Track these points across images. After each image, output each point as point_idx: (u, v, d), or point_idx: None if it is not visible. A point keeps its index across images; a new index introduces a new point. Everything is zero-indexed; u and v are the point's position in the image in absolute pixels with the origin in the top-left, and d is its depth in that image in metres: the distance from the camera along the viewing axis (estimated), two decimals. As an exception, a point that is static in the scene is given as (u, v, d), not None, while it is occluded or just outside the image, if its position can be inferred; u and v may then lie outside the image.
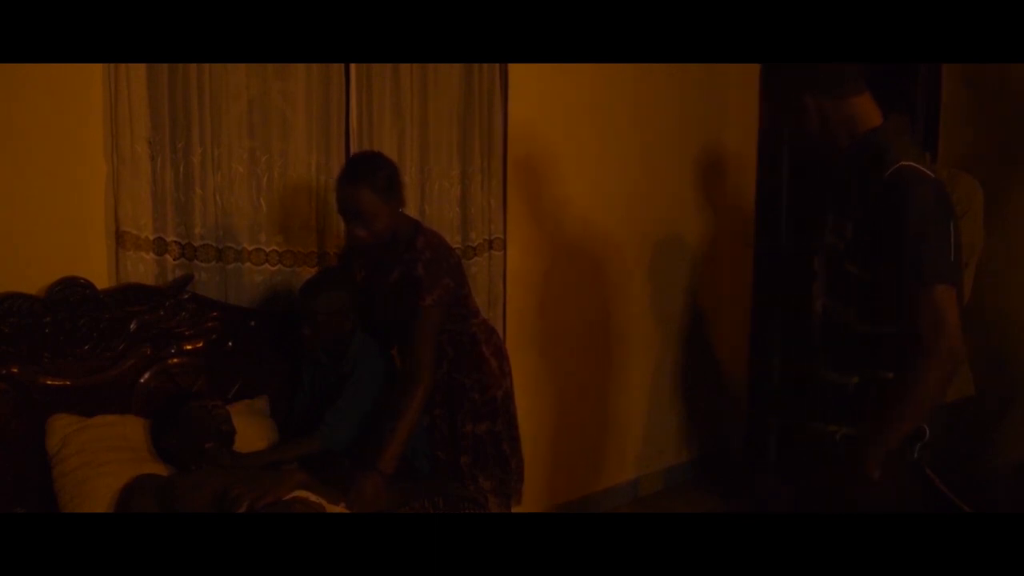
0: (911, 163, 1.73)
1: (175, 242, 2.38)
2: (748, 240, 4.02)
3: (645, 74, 3.56)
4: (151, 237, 2.33)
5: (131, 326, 2.26)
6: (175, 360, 2.34)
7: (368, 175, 2.20)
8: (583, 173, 3.43)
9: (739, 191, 4.01)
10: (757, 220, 3.99)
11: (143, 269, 2.32)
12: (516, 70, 3.04)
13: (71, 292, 2.17)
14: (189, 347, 2.36)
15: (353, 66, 2.62)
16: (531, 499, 2.68)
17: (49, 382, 2.15)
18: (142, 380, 2.28)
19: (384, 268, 2.35)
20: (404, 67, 2.72)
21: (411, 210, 2.78)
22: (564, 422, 3.47)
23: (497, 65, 2.98)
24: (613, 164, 3.53)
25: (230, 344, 2.43)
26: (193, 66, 2.32)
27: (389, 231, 2.25)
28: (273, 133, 2.50)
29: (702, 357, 4.06)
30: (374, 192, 2.19)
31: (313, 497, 1.98)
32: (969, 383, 2.66)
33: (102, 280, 2.26)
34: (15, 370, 2.10)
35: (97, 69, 2.22)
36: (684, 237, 3.89)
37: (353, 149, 2.64)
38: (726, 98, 3.97)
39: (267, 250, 2.53)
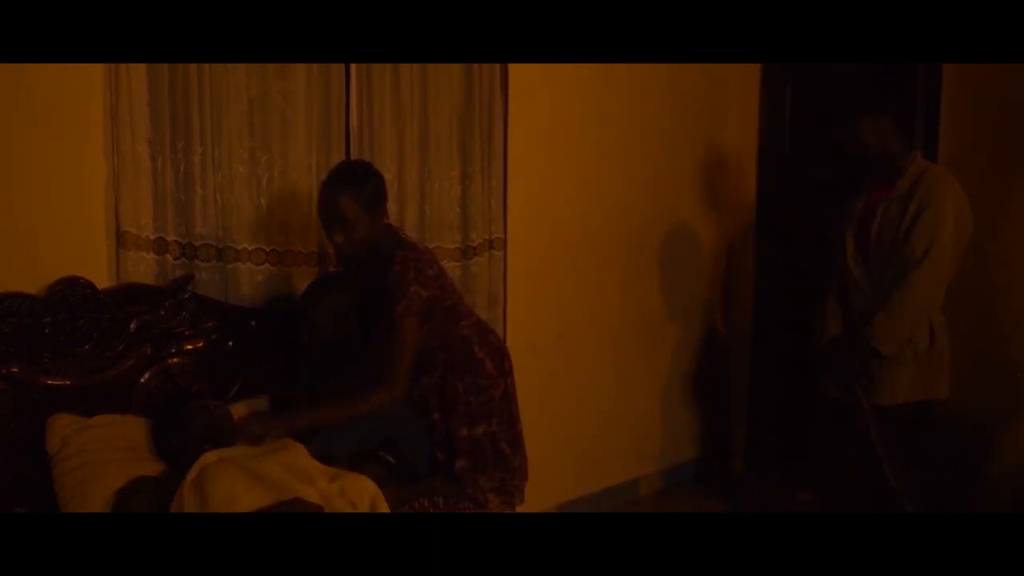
0: None
1: (175, 242, 2.38)
2: (748, 240, 4.02)
3: (645, 74, 3.56)
4: (151, 237, 2.33)
5: (131, 326, 2.26)
6: (175, 360, 2.34)
7: (353, 183, 2.20)
8: (583, 173, 3.43)
9: (739, 191, 4.01)
10: (757, 220, 3.99)
11: (143, 269, 2.32)
12: (516, 70, 3.04)
13: (71, 292, 2.17)
14: (189, 347, 2.36)
15: (353, 66, 2.62)
16: (532, 499, 2.68)
17: (49, 382, 2.15)
18: (142, 380, 2.28)
19: (369, 279, 2.35)
20: (404, 67, 2.72)
21: (411, 210, 2.78)
22: (564, 422, 3.47)
23: (497, 65, 2.98)
24: (613, 164, 3.53)
25: (230, 344, 2.43)
26: (193, 66, 2.32)
27: (369, 242, 2.24)
28: (273, 133, 2.50)
29: (702, 356, 4.06)
30: (356, 200, 2.18)
31: (313, 498, 1.97)
32: (943, 384, 2.68)
33: (102, 280, 2.26)
34: (15, 370, 2.09)
35: (97, 69, 2.22)
36: (684, 237, 3.89)
37: (353, 149, 2.64)
38: (726, 98, 3.97)
39: (267, 250, 2.53)
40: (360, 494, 2.01)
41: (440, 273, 2.38)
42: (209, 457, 1.96)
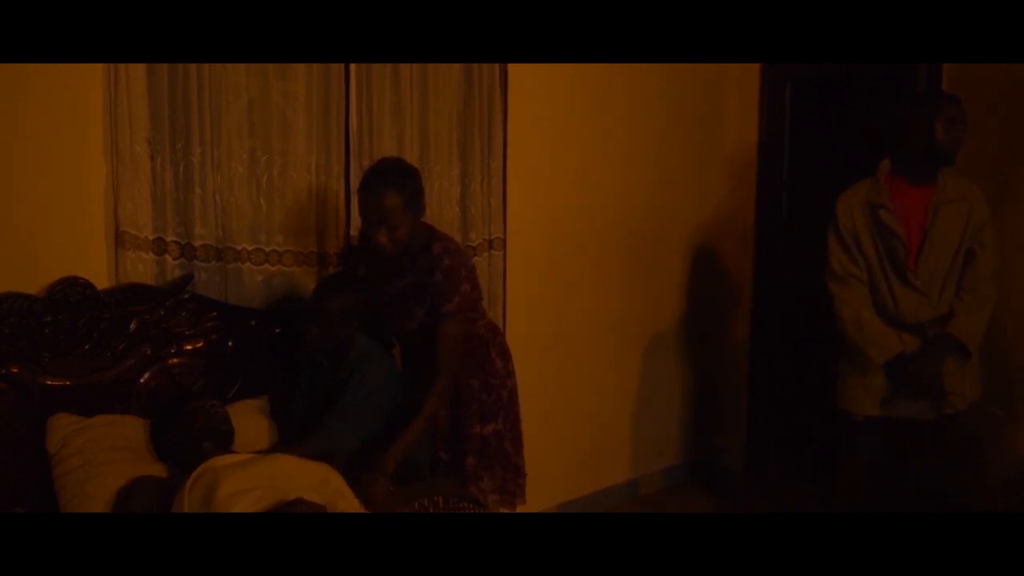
0: None
1: (175, 242, 2.38)
2: (748, 240, 4.02)
3: (645, 74, 3.56)
4: (151, 237, 2.33)
5: (131, 326, 2.26)
6: (175, 360, 2.34)
7: (399, 182, 2.20)
8: (583, 173, 3.42)
9: (739, 191, 4.01)
10: (757, 220, 3.99)
11: (143, 269, 2.32)
12: (516, 70, 3.04)
13: (71, 292, 2.17)
14: (189, 347, 2.36)
15: (353, 66, 2.62)
16: (532, 499, 2.67)
17: (49, 382, 2.15)
18: (142, 380, 2.28)
19: (392, 272, 2.34)
20: (404, 67, 2.72)
21: (411, 210, 2.78)
22: (564, 422, 3.47)
23: (497, 65, 2.97)
24: (613, 164, 3.53)
25: (230, 344, 2.43)
26: (193, 66, 2.32)
27: (408, 239, 2.26)
28: (273, 133, 2.50)
29: (702, 356, 4.06)
30: (401, 199, 2.19)
31: (315, 497, 1.97)
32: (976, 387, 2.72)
33: (102, 280, 2.26)
34: (15, 370, 2.10)
35: (97, 69, 2.22)
36: (684, 237, 3.89)
37: (353, 149, 2.64)
38: (726, 98, 3.97)
39: (267, 250, 2.53)
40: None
41: (474, 266, 2.43)
42: (207, 464, 1.96)
